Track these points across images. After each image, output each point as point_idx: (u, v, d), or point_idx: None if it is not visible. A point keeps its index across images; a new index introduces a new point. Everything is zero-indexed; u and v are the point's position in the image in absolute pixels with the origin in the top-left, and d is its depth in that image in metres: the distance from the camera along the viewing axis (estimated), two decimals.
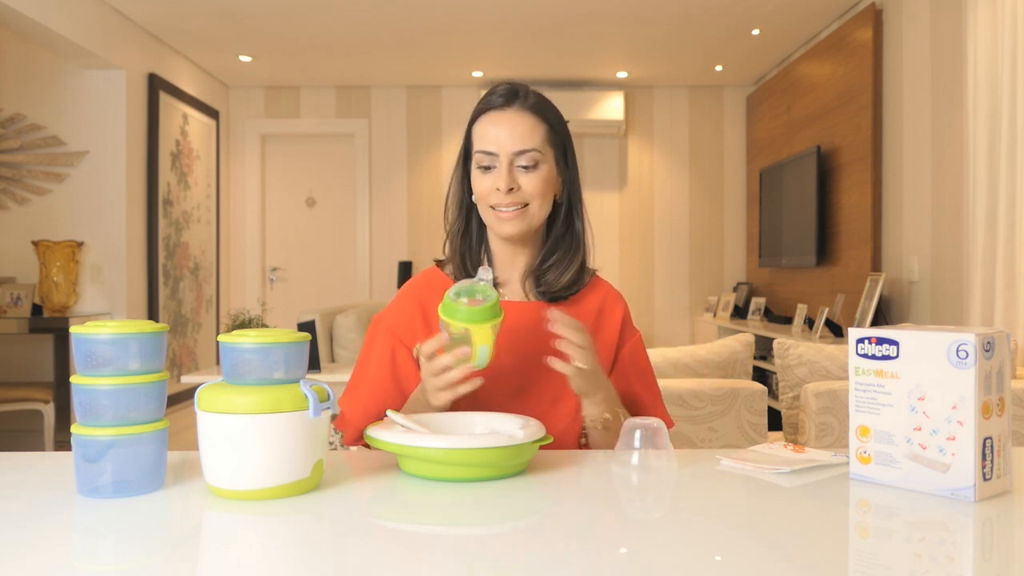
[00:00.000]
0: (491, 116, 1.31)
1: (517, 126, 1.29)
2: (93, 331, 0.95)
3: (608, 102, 6.26)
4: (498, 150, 1.29)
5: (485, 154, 1.30)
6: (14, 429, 4.46)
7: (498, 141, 1.29)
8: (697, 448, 2.26)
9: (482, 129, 1.31)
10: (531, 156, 1.29)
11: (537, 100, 1.33)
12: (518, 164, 1.29)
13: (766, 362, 4.92)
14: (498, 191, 1.28)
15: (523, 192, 1.29)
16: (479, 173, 1.31)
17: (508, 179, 1.28)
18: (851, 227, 4.54)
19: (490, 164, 1.30)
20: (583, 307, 1.37)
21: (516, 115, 1.30)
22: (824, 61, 4.96)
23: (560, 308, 1.35)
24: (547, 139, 1.32)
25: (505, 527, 0.91)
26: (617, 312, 1.39)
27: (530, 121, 1.30)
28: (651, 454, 1.08)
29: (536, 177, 1.29)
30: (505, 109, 1.31)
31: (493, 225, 1.32)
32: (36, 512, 0.89)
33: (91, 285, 4.71)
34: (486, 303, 1.13)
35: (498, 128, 1.29)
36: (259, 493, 0.94)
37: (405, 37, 5.29)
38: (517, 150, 1.29)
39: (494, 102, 1.32)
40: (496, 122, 1.30)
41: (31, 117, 4.68)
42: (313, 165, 6.65)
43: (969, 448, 0.93)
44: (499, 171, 1.28)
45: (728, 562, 0.76)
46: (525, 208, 1.29)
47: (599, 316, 1.38)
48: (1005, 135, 3.04)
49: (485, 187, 1.30)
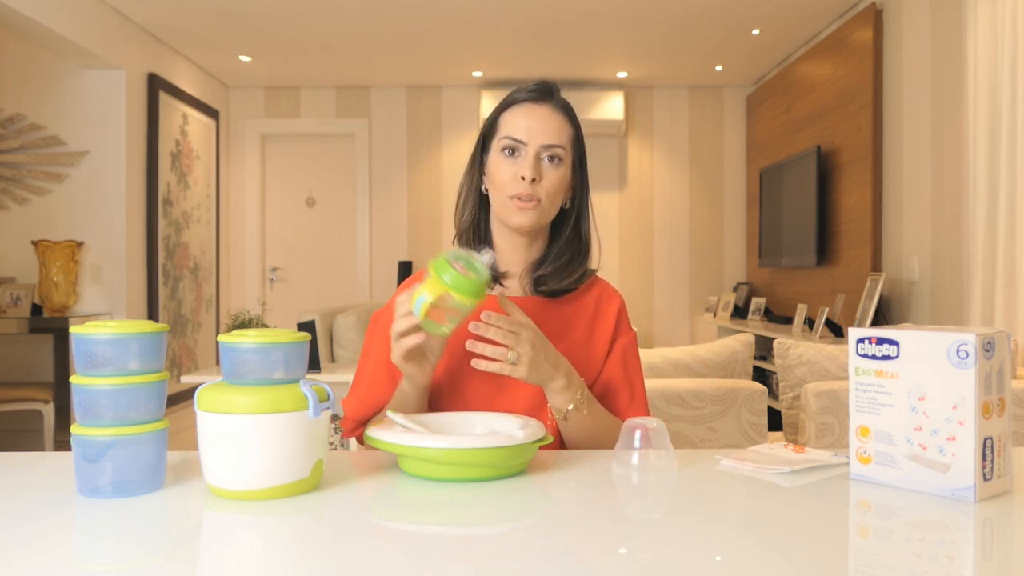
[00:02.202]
0: (524, 107, 1.32)
1: (549, 121, 1.31)
2: (93, 331, 0.95)
3: (608, 102, 6.26)
4: (528, 140, 1.29)
5: (513, 140, 1.30)
6: (14, 429, 4.46)
7: (529, 131, 1.30)
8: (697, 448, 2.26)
9: (512, 119, 1.32)
10: (558, 152, 1.30)
11: (567, 102, 1.36)
12: (544, 156, 1.30)
13: (766, 362, 4.92)
14: (522, 179, 1.28)
15: (543, 186, 1.29)
16: (502, 157, 1.31)
17: (535, 168, 1.28)
18: (851, 227, 4.54)
19: (516, 149, 1.30)
20: (579, 304, 1.38)
21: (549, 111, 1.32)
22: (824, 61, 4.96)
23: (556, 304, 1.36)
24: (571, 141, 1.34)
25: (505, 527, 0.91)
26: (612, 308, 1.39)
27: (560, 120, 1.32)
28: (651, 454, 1.08)
29: (557, 174, 1.30)
30: (539, 103, 1.32)
31: (507, 214, 1.31)
32: (36, 512, 0.89)
33: (91, 285, 4.71)
34: (476, 279, 1.10)
35: (530, 120, 1.30)
36: (259, 493, 0.94)
37: (405, 37, 5.29)
38: (546, 143, 1.30)
39: (528, 96, 1.33)
40: (529, 114, 1.31)
41: (31, 117, 4.68)
42: (313, 165, 6.65)
43: (969, 448, 0.93)
44: (524, 160, 1.29)
45: (728, 562, 0.76)
46: (539, 203, 1.30)
47: (595, 312, 1.38)
48: (1005, 135, 3.04)
49: (508, 174, 1.30)
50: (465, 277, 1.09)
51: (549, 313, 1.35)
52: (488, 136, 1.35)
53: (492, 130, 1.35)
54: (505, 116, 1.33)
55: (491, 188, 1.34)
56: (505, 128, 1.32)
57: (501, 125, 1.33)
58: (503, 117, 1.34)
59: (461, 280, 1.09)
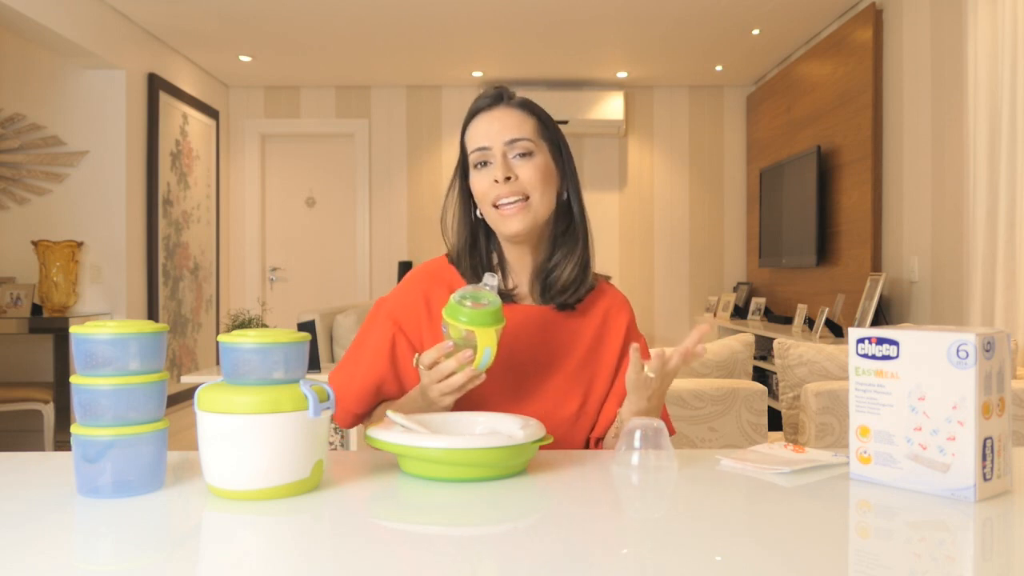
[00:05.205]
0: (481, 117, 1.33)
1: (505, 119, 1.31)
2: (93, 331, 0.95)
3: (608, 102, 6.26)
4: (490, 143, 1.30)
5: (479, 150, 1.31)
6: (14, 429, 4.46)
7: (488, 135, 1.30)
8: (697, 448, 2.26)
9: (473, 131, 1.33)
10: (523, 144, 1.30)
11: (523, 99, 1.36)
12: (512, 154, 1.30)
13: (766, 362, 4.92)
14: (496, 183, 1.28)
15: (521, 182, 1.29)
16: (476, 172, 1.32)
17: (504, 167, 1.28)
18: (851, 227, 4.54)
19: (485, 160, 1.31)
20: (589, 315, 1.37)
21: (503, 111, 1.33)
22: (824, 61, 4.96)
23: (568, 316, 1.36)
24: (538, 131, 1.33)
25: (505, 527, 0.91)
26: (622, 318, 1.39)
27: (518, 115, 1.33)
28: (651, 454, 1.08)
29: (532, 166, 1.30)
30: (492, 108, 1.33)
31: (498, 225, 1.31)
32: (36, 512, 0.89)
33: (91, 285, 4.70)
34: (491, 307, 1.15)
35: (488, 124, 1.31)
36: (259, 493, 0.94)
37: (405, 37, 5.29)
38: (508, 139, 1.30)
39: (481, 104, 1.34)
40: (486, 120, 1.32)
41: (31, 117, 4.68)
42: (313, 165, 6.65)
43: (969, 448, 0.93)
44: (494, 164, 1.29)
45: (728, 562, 0.76)
46: (527, 201, 1.29)
47: (604, 322, 1.38)
48: (1005, 135, 3.04)
49: (484, 184, 1.30)
50: (476, 311, 1.14)
51: (557, 326, 1.35)
52: (464, 160, 1.36)
53: (463, 153, 1.36)
54: (467, 133, 1.35)
55: (480, 206, 1.33)
56: (470, 143, 1.33)
57: (467, 142, 1.34)
58: (466, 135, 1.35)
59: (474, 315, 1.13)
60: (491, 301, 1.16)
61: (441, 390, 1.16)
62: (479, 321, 1.13)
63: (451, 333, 1.15)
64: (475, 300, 1.16)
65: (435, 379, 1.16)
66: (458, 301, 1.15)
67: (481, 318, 1.13)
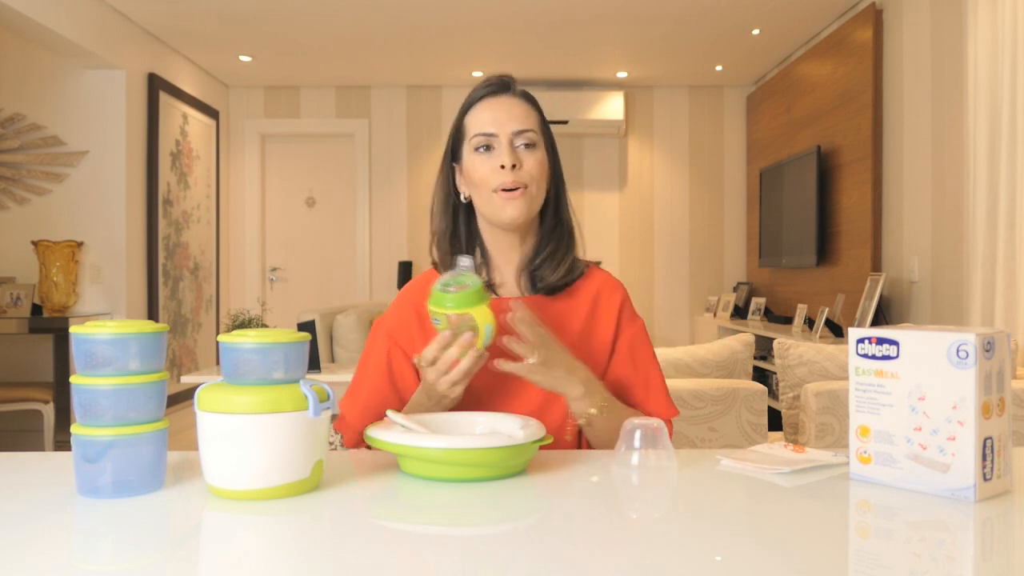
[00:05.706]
0: (486, 102, 1.33)
1: (514, 109, 1.32)
2: (93, 331, 0.94)
3: (608, 102, 6.26)
4: (498, 131, 1.30)
5: (484, 135, 1.30)
6: (14, 429, 4.46)
7: (497, 122, 1.30)
8: (697, 448, 2.26)
9: (478, 116, 1.32)
10: (529, 136, 1.31)
11: (527, 92, 1.37)
12: (518, 143, 1.30)
13: (766, 362, 4.92)
14: (502, 169, 1.28)
15: (524, 171, 1.29)
16: (477, 156, 1.31)
17: (512, 155, 1.28)
18: (851, 227, 4.54)
19: (489, 144, 1.30)
20: (579, 297, 1.37)
21: (511, 100, 1.33)
22: (824, 61, 4.96)
23: (556, 299, 1.36)
24: (539, 126, 1.34)
25: (505, 527, 0.91)
26: (615, 300, 1.38)
27: (525, 106, 1.33)
28: (651, 454, 1.08)
29: (535, 158, 1.31)
30: (500, 96, 1.33)
31: (496, 211, 1.30)
32: (36, 512, 0.89)
33: (91, 285, 4.71)
34: (475, 286, 1.15)
35: (496, 111, 1.31)
36: (259, 493, 0.94)
37: (405, 37, 5.29)
38: (517, 130, 1.30)
39: (487, 91, 1.33)
40: (493, 107, 1.32)
41: (31, 117, 4.68)
42: (313, 165, 6.65)
43: (969, 448, 0.93)
44: (500, 150, 1.29)
45: (728, 562, 0.76)
46: (526, 190, 1.29)
47: (595, 305, 1.37)
48: (1005, 135, 3.04)
49: (486, 169, 1.29)
50: (464, 292, 1.13)
51: (545, 310, 1.34)
52: (457, 142, 1.35)
53: (460, 135, 1.35)
54: (470, 116, 1.33)
55: (472, 190, 1.33)
56: (473, 127, 1.32)
57: (468, 126, 1.33)
58: (468, 118, 1.34)
59: (463, 297, 1.13)
60: (473, 281, 1.16)
61: (451, 379, 1.16)
62: (471, 301, 1.13)
63: (443, 323, 1.14)
64: (458, 284, 1.15)
65: (442, 371, 1.16)
66: (441, 289, 1.15)
67: (471, 298, 1.13)
